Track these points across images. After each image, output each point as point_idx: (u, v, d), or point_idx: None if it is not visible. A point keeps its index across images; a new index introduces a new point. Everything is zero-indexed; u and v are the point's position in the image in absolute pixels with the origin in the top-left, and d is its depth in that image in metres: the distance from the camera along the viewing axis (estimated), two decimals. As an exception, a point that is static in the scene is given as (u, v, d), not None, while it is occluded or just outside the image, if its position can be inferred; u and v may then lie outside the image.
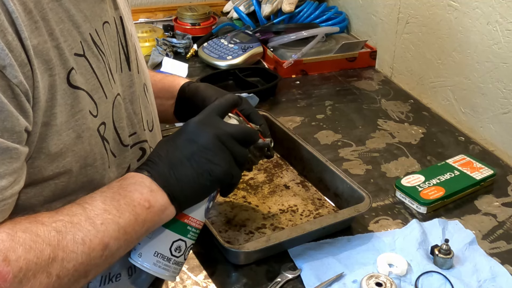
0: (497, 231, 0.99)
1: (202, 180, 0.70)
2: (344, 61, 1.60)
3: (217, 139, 0.71)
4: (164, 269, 0.71)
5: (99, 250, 0.60)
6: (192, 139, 0.70)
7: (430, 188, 1.06)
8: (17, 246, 0.55)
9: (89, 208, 0.62)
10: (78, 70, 0.63)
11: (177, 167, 0.69)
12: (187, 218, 0.72)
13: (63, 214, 0.60)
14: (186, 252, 0.73)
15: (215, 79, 1.46)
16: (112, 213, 0.62)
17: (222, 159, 0.70)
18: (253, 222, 0.98)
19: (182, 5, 1.81)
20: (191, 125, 0.72)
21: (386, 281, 0.83)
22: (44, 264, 0.56)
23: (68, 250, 0.58)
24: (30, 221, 0.58)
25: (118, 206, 0.63)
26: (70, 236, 0.58)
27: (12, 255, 0.54)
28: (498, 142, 1.26)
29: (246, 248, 0.86)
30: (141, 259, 0.70)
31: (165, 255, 0.71)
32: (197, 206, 0.72)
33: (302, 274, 0.87)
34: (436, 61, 1.40)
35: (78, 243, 0.59)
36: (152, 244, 0.71)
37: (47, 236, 0.57)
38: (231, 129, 0.72)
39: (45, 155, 0.61)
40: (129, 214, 0.64)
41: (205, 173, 0.70)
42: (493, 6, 1.21)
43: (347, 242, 0.94)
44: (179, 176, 0.68)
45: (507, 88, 1.21)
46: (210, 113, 0.74)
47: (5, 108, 0.54)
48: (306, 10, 1.74)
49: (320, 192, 1.07)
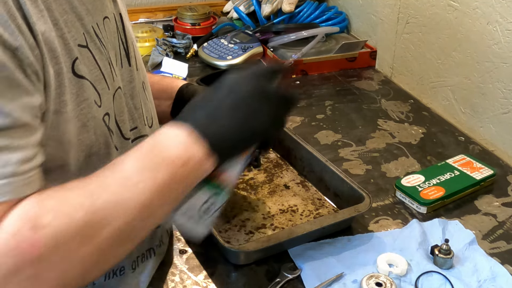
0: (497, 231, 0.99)
1: (244, 132, 0.66)
2: (344, 61, 1.60)
3: (263, 94, 0.67)
4: (200, 224, 0.71)
5: (137, 212, 0.57)
6: (236, 90, 0.67)
7: (430, 188, 1.06)
8: (45, 213, 0.52)
9: (122, 169, 0.58)
10: (82, 61, 0.63)
11: (218, 117, 0.64)
12: (223, 175, 0.70)
13: (94, 178, 0.57)
14: (219, 209, 0.71)
15: (215, 79, 1.45)
16: (147, 172, 0.59)
17: (266, 114, 0.67)
18: (253, 222, 0.98)
19: (182, 5, 1.81)
20: (234, 77, 0.68)
21: (386, 281, 0.83)
22: (77, 229, 0.53)
23: (102, 214, 0.55)
24: (58, 189, 0.55)
25: (153, 164, 0.60)
26: (103, 198, 0.55)
27: (40, 223, 0.52)
28: (498, 142, 1.26)
29: (246, 248, 0.86)
30: (176, 217, 0.69)
31: (199, 212, 0.70)
32: (233, 164, 0.71)
33: (302, 274, 0.87)
34: (436, 61, 1.40)
35: (113, 205, 0.56)
36: (186, 201, 0.69)
37: (77, 201, 0.54)
38: (278, 89, 0.69)
39: (56, 143, 0.60)
40: (166, 170, 0.60)
41: (248, 125, 0.66)
42: (493, 6, 1.21)
43: (347, 242, 0.94)
44: (220, 126, 0.64)
45: (507, 88, 1.21)
46: (255, 70, 0.70)
47: (21, 84, 0.54)
48: (306, 10, 1.74)
49: (320, 192, 1.07)
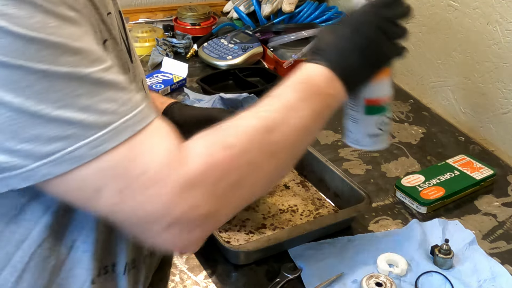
0: (497, 231, 0.99)
1: (371, 67, 0.77)
2: (344, 61, 1.59)
3: (381, 29, 0.76)
4: (379, 142, 0.87)
5: (301, 134, 0.67)
6: (359, 29, 0.75)
7: (430, 188, 1.06)
8: (230, 134, 0.61)
9: (282, 96, 0.68)
10: (109, 42, 0.64)
11: (347, 57, 0.74)
12: (379, 99, 0.85)
13: (258, 107, 0.66)
14: (389, 121, 0.87)
15: (215, 79, 1.46)
16: (305, 99, 0.68)
17: (388, 48, 0.77)
18: (253, 222, 0.98)
19: (182, 5, 1.80)
20: (355, 16, 0.77)
21: (386, 281, 0.83)
22: (259, 145, 0.62)
23: (277, 131, 0.64)
24: (229, 122, 0.63)
25: (308, 96, 0.69)
26: (273, 120, 0.64)
27: (228, 144, 0.60)
28: (498, 142, 1.26)
29: (246, 248, 0.87)
30: (360, 145, 0.87)
31: (376, 133, 0.87)
32: (381, 86, 0.84)
33: (302, 274, 0.87)
34: (436, 61, 1.40)
35: (283, 124, 0.65)
36: (362, 130, 0.87)
37: (253, 123, 0.63)
38: (391, 14, 0.77)
39: None
40: (320, 100, 0.70)
41: (374, 61, 0.77)
42: (493, 6, 1.21)
43: (347, 242, 0.94)
44: (350, 65, 0.74)
45: (507, 88, 1.21)
46: (373, 3, 0.78)
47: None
48: (306, 10, 1.74)
49: (320, 192, 1.07)
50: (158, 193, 0.55)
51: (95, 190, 0.55)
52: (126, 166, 0.55)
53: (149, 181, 0.55)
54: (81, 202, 0.57)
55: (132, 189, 0.55)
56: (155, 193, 0.55)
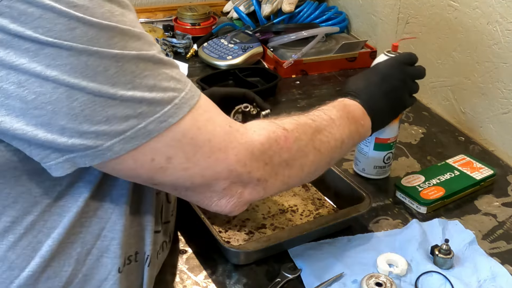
0: (497, 231, 0.99)
1: (392, 112, 0.94)
2: (344, 61, 1.60)
3: (406, 80, 0.94)
4: (383, 173, 1.11)
5: (338, 144, 0.79)
6: (388, 80, 0.91)
7: (430, 188, 1.06)
8: (288, 123, 0.73)
9: (330, 112, 0.80)
10: None
11: (376, 100, 0.88)
12: (388, 139, 1.06)
13: (309, 115, 0.78)
14: (392, 156, 1.10)
15: (215, 79, 1.46)
16: (344, 120, 0.81)
17: (406, 99, 0.95)
18: (253, 222, 0.98)
19: (182, 5, 1.81)
20: (386, 67, 0.94)
21: (386, 281, 0.83)
22: (309, 138, 0.74)
23: (323, 134, 0.76)
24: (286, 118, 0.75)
25: (347, 117, 0.82)
26: (320, 125, 0.77)
27: (288, 126, 0.72)
28: (498, 142, 1.26)
29: (246, 248, 0.87)
30: (367, 173, 1.11)
31: (382, 165, 1.10)
32: (391, 128, 1.04)
33: (302, 274, 0.87)
34: (436, 61, 1.40)
35: (327, 131, 0.77)
36: (370, 163, 1.09)
37: (306, 122, 0.75)
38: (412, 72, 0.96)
39: None
40: (354, 125, 0.83)
41: (394, 109, 0.94)
42: (493, 6, 1.21)
43: (347, 242, 0.94)
44: (377, 108, 0.88)
45: (507, 88, 1.21)
46: (399, 59, 0.96)
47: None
48: (306, 10, 1.74)
49: (320, 192, 1.07)
50: (223, 157, 0.64)
51: (166, 159, 0.60)
52: (192, 135, 0.61)
53: (215, 147, 0.63)
54: (150, 174, 0.62)
55: (200, 154, 0.62)
56: (221, 157, 0.63)
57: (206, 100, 0.65)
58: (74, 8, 0.53)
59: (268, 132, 0.68)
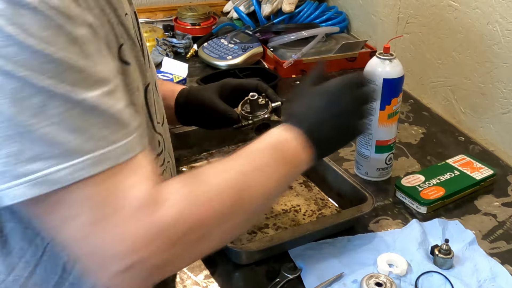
0: (497, 231, 0.99)
1: (340, 140, 0.83)
2: (344, 61, 1.60)
3: (353, 106, 0.81)
4: (385, 174, 1.12)
5: (264, 198, 0.70)
6: (334, 103, 0.79)
7: (430, 188, 1.06)
8: (205, 190, 0.62)
9: (259, 159, 0.71)
10: (125, 46, 0.65)
11: (321, 128, 0.78)
12: (389, 140, 1.07)
13: (232, 164, 0.68)
14: (393, 157, 1.11)
15: (215, 79, 1.44)
16: (272, 166, 0.71)
17: (357, 125, 0.82)
18: (256, 222, 0.98)
19: (182, 5, 1.81)
20: (332, 89, 0.81)
21: (386, 281, 0.83)
22: (230, 204, 0.64)
23: (246, 193, 0.66)
24: (207, 173, 0.65)
25: (281, 160, 0.72)
26: (244, 183, 0.67)
27: (203, 197, 0.61)
28: (498, 142, 1.26)
29: (249, 248, 0.87)
30: (369, 176, 1.11)
31: (384, 167, 1.09)
32: (391, 129, 1.06)
33: (302, 274, 0.87)
34: (436, 61, 1.40)
35: (255, 187, 0.68)
36: (372, 165, 1.09)
37: (229, 181, 0.65)
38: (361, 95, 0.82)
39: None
40: (284, 169, 0.73)
41: (343, 135, 0.82)
42: (493, 6, 1.21)
43: (347, 242, 0.94)
44: (322, 135, 0.78)
45: (507, 88, 1.21)
46: (346, 81, 0.83)
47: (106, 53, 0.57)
48: (306, 10, 1.74)
49: (323, 192, 1.07)
50: (128, 233, 0.54)
51: (68, 217, 0.53)
52: (103, 198, 0.53)
53: (123, 219, 0.54)
54: (49, 226, 0.55)
55: (105, 223, 0.54)
56: (126, 232, 0.54)
57: (141, 164, 0.57)
58: (14, 25, 0.49)
59: (179, 210, 0.58)
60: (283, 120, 0.80)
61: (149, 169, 0.58)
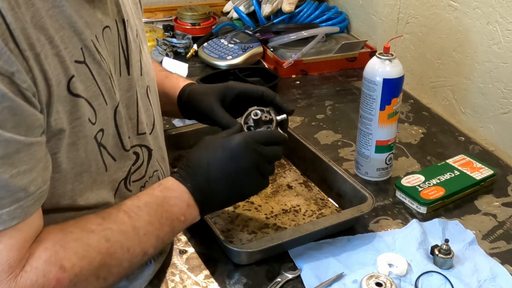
0: (497, 231, 0.99)
1: (235, 197, 0.82)
2: (344, 61, 1.60)
3: (255, 165, 0.79)
4: (385, 174, 1.11)
5: (140, 257, 0.70)
6: (235, 160, 0.77)
7: (430, 188, 1.06)
8: (71, 255, 0.63)
9: (135, 218, 0.70)
10: (78, 78, 0.63)
11: (214, 182, 0.77)
12: (389, 140, 1.07)
13: (111, 221, 0.68)
14: (393, 157, 1.11)
15: (215, 79, 1.46)
16: (155, 226, 0.72)
17: (256, 184, 0.82)
18: (256, 222, 0.98)
19: (182, 5, 1.81)
20: (236, 144, 0.78)
21: (386, 281, 0.83)
22: (94, 270, 0.64)
23: (115, 257, 0.67)
24: (81, 230, 0.65)
25: (160, 219, 0.72)
26: (117, 244, 0.67)
27: (67, 264, 0.62)
28: (498, 142, 1.26)
29: (249, 248, 0.86)
30: (369, 176, 1.11)
31: (384, 167, 1.10)
32: (391, 129, 1.05)
33: (302, 274, 0.87)
34: (436, 61, 1.40)
35: (124, 251, 0.68)
36: (372, 165, 1.09)
37: (97, 245, 0.65)
38: (268, 154, 0.81)
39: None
40: (168, 227, 0.73)
41: (238, 193, 0.81)
42: (493, 6, 1.21)
43: (347, 242, 0.94)
44: (215, 191, 0.77)
45: (507, 88, 1.21)
46: (254, 139, 0.80)
47: (23, 108, 0.56)
48: (306, 10, 1.74)
49: (323, 192, 1.07)
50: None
51: None
52: None
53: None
54: None
55: None
56: None
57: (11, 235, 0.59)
58: None
59: (38, 278, 0.60)
60: (177, 170, 0.78)
61: (18, 240, 0.59)
